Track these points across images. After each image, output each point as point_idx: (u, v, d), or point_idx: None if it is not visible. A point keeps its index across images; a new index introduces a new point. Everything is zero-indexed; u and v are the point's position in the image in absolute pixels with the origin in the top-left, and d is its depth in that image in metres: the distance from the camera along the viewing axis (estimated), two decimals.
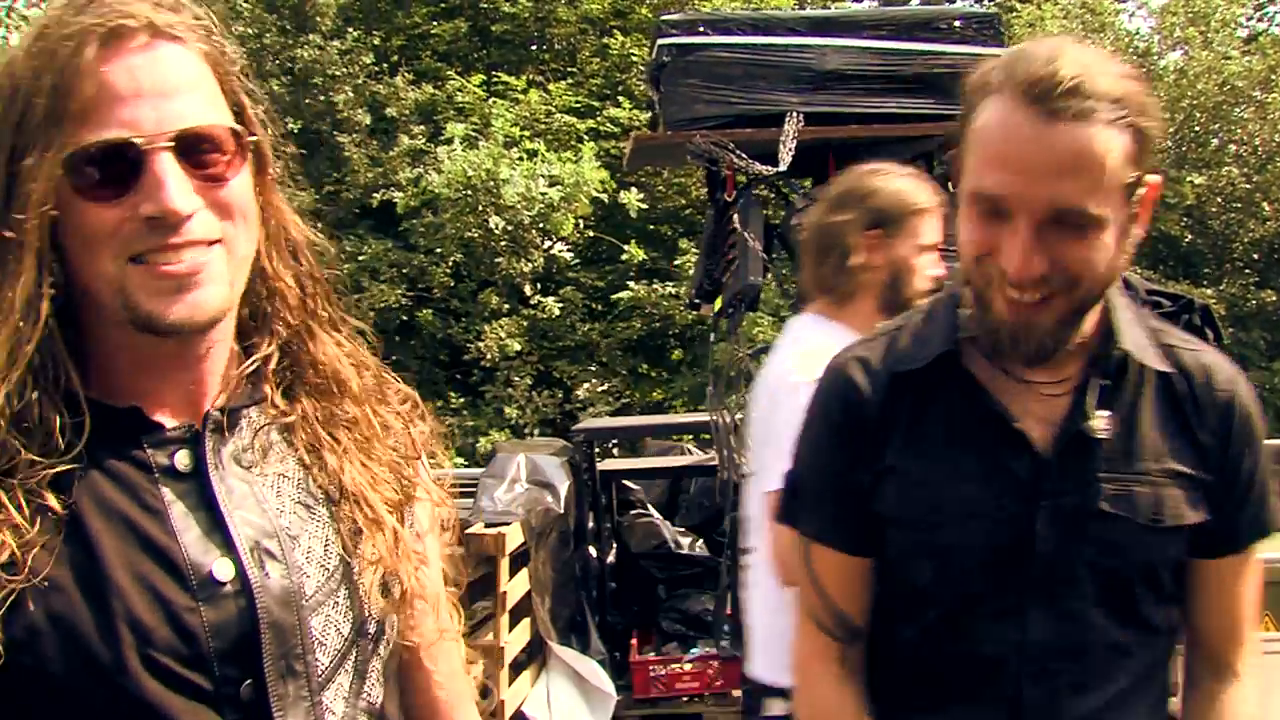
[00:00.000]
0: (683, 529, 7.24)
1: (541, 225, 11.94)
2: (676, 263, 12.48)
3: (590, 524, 6.89)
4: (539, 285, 12.54)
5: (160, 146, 1.24)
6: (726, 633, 6.25)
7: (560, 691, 6.03)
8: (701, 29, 5.15)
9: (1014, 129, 1.60)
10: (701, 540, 7.11)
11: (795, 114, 5.03)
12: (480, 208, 11.65)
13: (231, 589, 1.29)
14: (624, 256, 12.51)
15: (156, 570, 1.27)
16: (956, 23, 5.23)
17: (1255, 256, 17.09)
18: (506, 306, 12.29)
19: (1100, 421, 1.73)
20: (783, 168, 5.00)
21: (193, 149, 1.27)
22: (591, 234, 12.67)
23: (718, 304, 5.31)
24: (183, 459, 1.32)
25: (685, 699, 6.34)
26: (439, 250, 12.01)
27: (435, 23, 14.95)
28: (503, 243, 11.95)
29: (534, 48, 15.44)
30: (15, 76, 1.26)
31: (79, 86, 1.23)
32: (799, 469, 1.95)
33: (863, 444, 1.83)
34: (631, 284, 12.41)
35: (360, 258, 13.38)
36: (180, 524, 1.29)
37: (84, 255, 1.27)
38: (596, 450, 7.17)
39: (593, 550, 6.88)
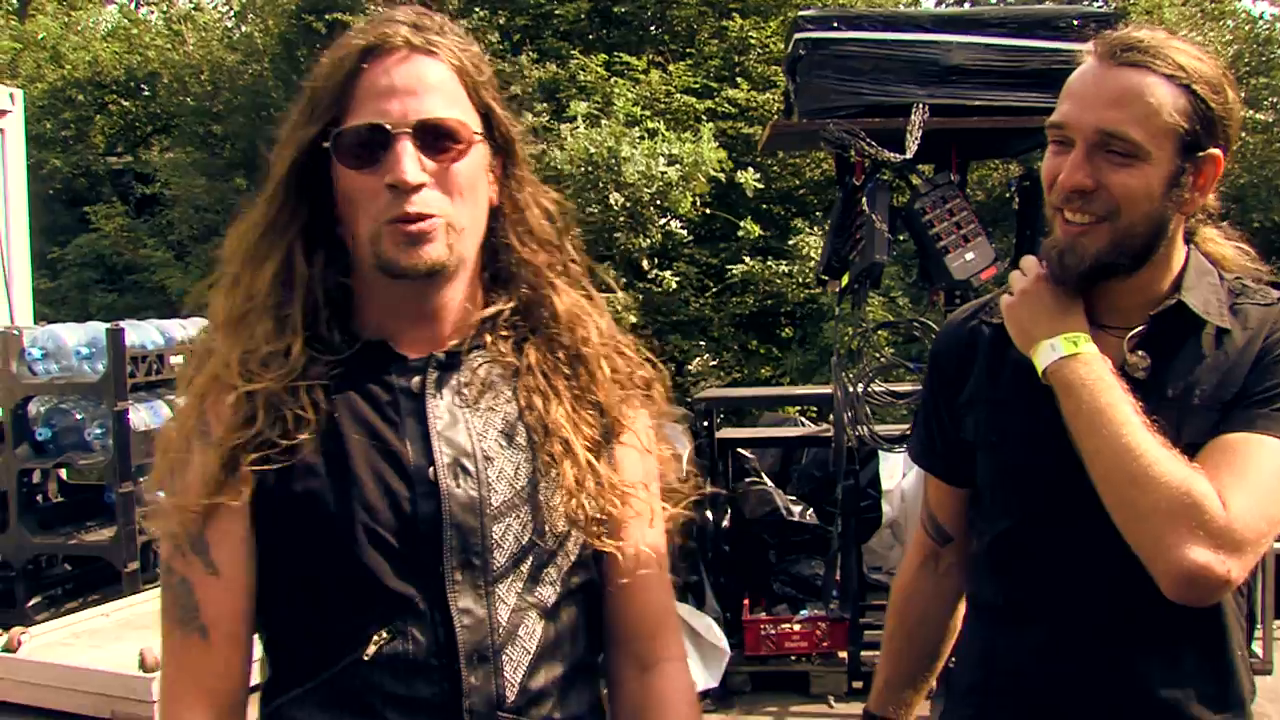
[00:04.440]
0: (794, 497, 7.31)
1: (660, 203, 12.04)
2: (790, 242, 12.49)
3: (707, 489, 7.12)
4: (655, 260, 12.61)
5: (403, 132, 1.62)
6: (835, 596, 6.43)
7: None
8: (835, 25, 5.34)
9: (1083, 73, 1.91)
10: (811, 509, 7.19)
11: (921, 105, 5.24)
12: (601, 184, 11.79)
13: (433, 491, 1.63)
14: (739, 233, 12.52)
15: (386, 467, 1.63)
16: (1075, 21, 5.32)
17: None
18: (623, 281, 12.40)
19: (1135, 359, 1.91)
20: (909, 155, 5.23)
21: (430, 136, 1.64)
22: (707, 211, 12.71)
23: (844, 279, 5.58)
24: (415, 384, 1.70)
25: (794, 658, 6.48)
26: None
27: (557, 3, 15.13)
28: (621, 219, 12.08)
29: (654, 29, 15.54)
30: (313, 80, 1.68)
31: (351, 85, 1.64)
32: (918, 414, 2.30)
33: (945, 387, 2.16)
34: (746, 259, 12.46)
35: None
36: (410, 434, 1.65)
37: (350, 214, 1.66)
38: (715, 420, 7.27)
39: (709, 514, 6.94)
